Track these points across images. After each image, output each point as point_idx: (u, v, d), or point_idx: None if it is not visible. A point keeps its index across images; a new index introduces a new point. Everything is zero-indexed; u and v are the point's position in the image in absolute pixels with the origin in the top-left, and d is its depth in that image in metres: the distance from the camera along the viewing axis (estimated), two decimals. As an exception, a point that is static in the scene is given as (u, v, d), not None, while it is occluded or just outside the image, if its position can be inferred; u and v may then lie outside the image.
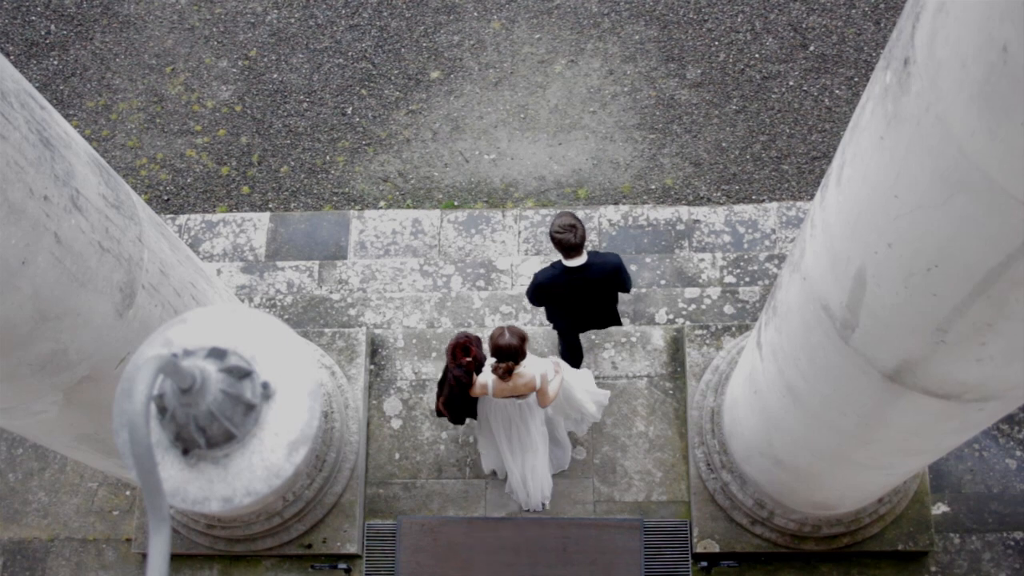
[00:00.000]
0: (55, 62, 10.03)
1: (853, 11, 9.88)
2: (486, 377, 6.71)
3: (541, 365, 6.74)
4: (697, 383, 7.83)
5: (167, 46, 10.07)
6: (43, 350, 4.28)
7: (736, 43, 9.82)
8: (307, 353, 2.96)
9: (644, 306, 8.57)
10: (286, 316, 8.64)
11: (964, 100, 2.68)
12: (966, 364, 3.77)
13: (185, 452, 2.89)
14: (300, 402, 2.89)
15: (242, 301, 8.51)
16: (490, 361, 6.68)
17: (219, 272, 8.88)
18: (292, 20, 10.12)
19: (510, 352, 6.47)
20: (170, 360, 2.55)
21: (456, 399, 6.93)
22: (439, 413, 7.25)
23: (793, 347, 4.94)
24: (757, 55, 9.75)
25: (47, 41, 10.13)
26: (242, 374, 2.84)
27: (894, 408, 4.43)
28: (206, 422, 2.79)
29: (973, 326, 3.43)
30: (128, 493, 8.02)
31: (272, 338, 2.93)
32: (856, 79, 9.57)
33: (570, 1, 10.03)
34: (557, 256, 6.99)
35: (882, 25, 9.81)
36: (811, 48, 9.76)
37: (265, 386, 2.87)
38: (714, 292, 8.61)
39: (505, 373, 6.59)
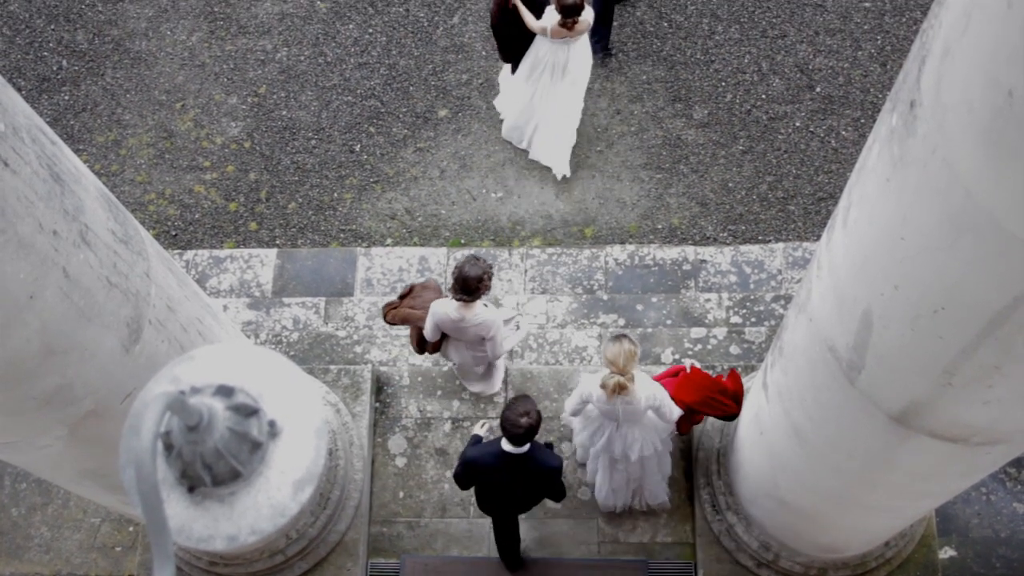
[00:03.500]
0: (66, 97, 10.10)
1: (859, 53, 9.94)
2: (547, 21, 8.55)
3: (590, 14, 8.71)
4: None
5: (177, 82, 10.14)
6: (49, 384, 4.28)
7: (743, 84, 9.86)
8: (314, 391, 2.95)
9: (650, 346, 8.56)
10: (292, 353, 8.64)
11: (970, 143, 2.69)
12: (973, 407, 3.76)
13: (191, 490, 2.88)
14: (307, 440, 2.88)
15: (248, 337, 8.51)
16: (555, 19, 8.45)
17: (225, 308, 8.90)
18: (302, 58, 10.20)
19: (575, 8, 8.30)
20: (178, 397, 2.55)
21: (510, 31, 8.82)
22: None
23: (799, 388, 4.93)
24: (764, 96, 9.79)
25: (59, 76, 10.21)
26: (249, 412, 2.84)
27: (900, 451, 4.41)
28: (212, 460, 2.78)
29: (980, 368, 3.43)
30: (131, 529, 8.00)
31: (279, 376, 2.93)
32: (862, 120, 9.61)
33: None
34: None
35: (888, 67, 9.85)
36: (817, 89, 9.80)
37: (272, 424, 2.87)
38: (720, 332, 8.61)
39: (572, 24, 8.45)
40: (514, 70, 9.30)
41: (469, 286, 6.67)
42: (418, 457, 8.08)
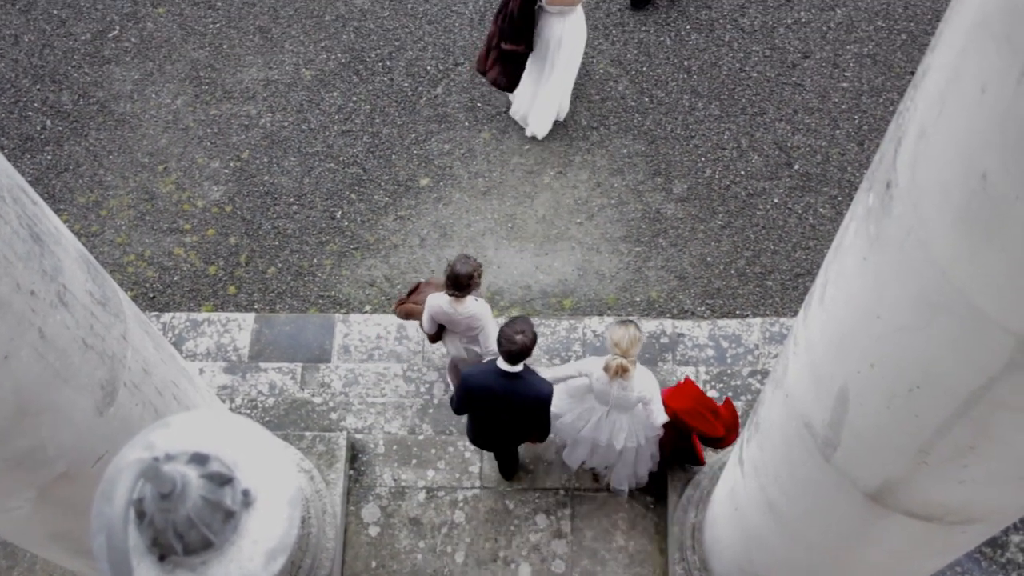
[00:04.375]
0: (49, 157, 10.11)
1: (837, 132, 10.07)
2: None
3: None
4: (678, 498, 7.77)
5: (161, 145, 10.17)
6: (21, 446, 4.23)
7: (722, 160, 9.97)
8: (289, 461, 2.93)
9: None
10: (267, 418, 8.58)
11: (946, 225, 2.72)
12: (948, 486, 3.76)
13: (162, 558, 2.84)
14: (280, 511, 2.86)
15: (223, 402, 8.46)
16: None
17: (201, 371, 8.85)
18: (286, 124, 10.26)
19: None
20: (152, 465, 2.53)
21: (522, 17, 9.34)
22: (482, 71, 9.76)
23: (775, 464, 4.92)
24: (743, 172, 9.90)
25: (42, 136, 10.23)
26: (223, 480, 2.81)
27: (876, 529, 4.40)
28: (185, 528, 2.75)
29: (955, 448, 3.44)
30: (97, 595, 7.86)
31: (255, 445, 2.91)
32: (840, 198, 9.71)
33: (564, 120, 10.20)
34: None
35: (865, 146, 9.99)
36: (796, 167, 9.91)
37: (246, 493, 2.84)
38: (697, 405, 8.59)
39: None
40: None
41: (460, 282, 7.19)
42: (391, 527, 8.00)
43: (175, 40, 10.81)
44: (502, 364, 6.59)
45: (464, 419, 7.94)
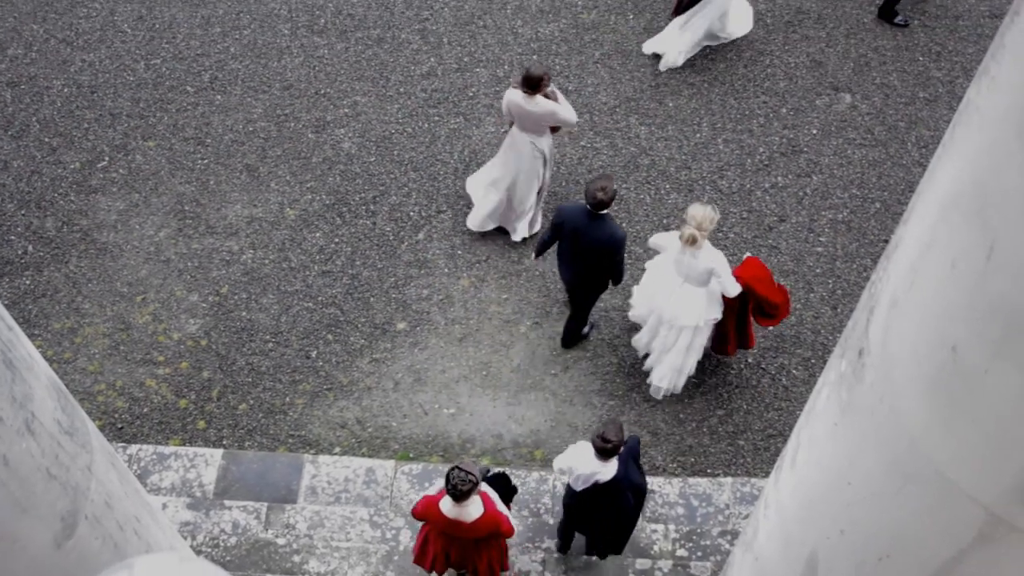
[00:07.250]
0: (27, 282, 10.12)
1: (811, 295, 10.21)
2: None
3: None
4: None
5: (140, 276, 10.21)
6: (-28, 576, 4.13)
7: (698, 318, 10.06)
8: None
9: (595, 575, 8.41)
10: (228, 558, 8.41)
11: (917, 394, 2.75)
12: (917, 659, 3.70)
13: None
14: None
15: (185, 539, 8.29)
16: None
17: (165, 507, 8.70)
18: (267, 261, 10.33)
19: None
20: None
21: None
22: None
23: (743, 628, 4.85)
24: (718, 331, 9.98)
25: (23, 261, 10.26)
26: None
27: None
28: (139, 671, 2.68)
29: (925, 621, 3.40)
30: None
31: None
32: (813, 360, 9.79)
33: (539, 266, 10.31)
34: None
35: (839, 310, 10.12)
36: (770, 327, 10.00)
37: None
38: (665, 565, 8.49)
39: None
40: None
41: (532, 82, 8.82)
42: (348, 677, 7.78)
43: (163, 173, 10.95)
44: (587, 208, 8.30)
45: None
